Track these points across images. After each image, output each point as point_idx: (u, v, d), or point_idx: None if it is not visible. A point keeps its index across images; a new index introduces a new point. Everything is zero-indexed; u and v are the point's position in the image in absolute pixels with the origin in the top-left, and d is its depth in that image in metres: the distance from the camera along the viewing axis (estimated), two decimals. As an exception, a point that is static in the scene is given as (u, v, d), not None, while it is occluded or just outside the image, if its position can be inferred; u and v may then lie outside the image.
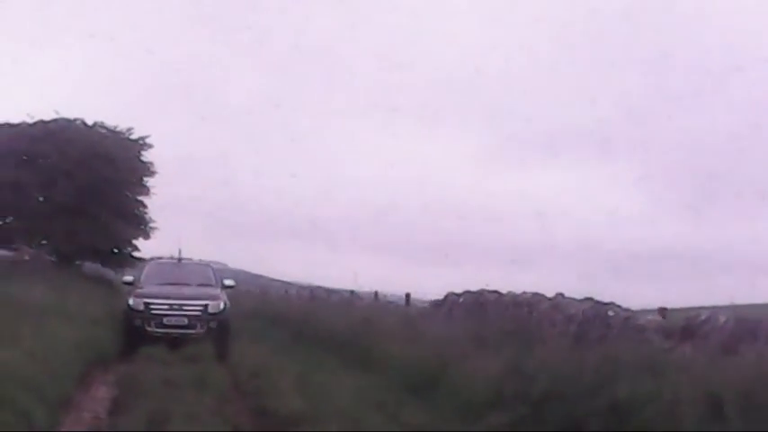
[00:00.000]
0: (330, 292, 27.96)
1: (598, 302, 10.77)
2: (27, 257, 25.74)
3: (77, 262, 33.57)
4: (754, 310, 9.57)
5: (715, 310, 8.88)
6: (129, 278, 19.83)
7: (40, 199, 32.25)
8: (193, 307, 16.85)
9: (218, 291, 17.81)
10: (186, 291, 17.47)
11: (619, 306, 10.53)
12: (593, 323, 10.01)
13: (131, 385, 10.92)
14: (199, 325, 16.67)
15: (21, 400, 8.01)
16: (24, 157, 31.49)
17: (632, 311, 10.25)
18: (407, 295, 19.45)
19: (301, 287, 35.05)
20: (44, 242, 32.38)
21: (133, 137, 33.56)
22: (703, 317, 8.29)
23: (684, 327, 8.38)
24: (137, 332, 16.51)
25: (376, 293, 22.23)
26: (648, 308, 10.78)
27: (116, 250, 34.16)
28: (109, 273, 34.39)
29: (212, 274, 18.89)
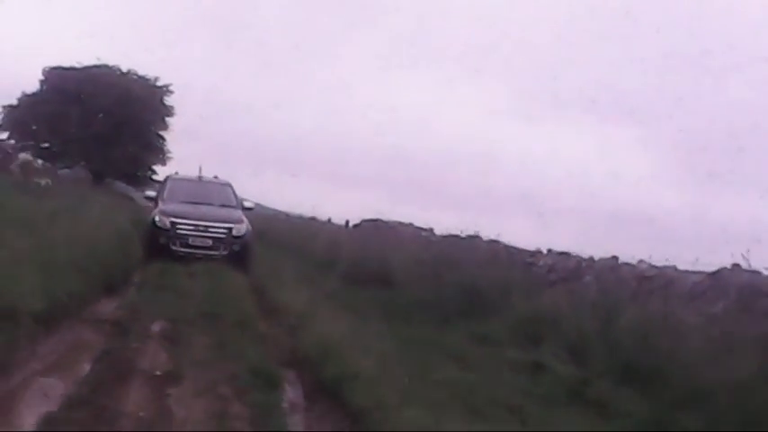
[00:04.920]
0: (304, 218, 36.61)
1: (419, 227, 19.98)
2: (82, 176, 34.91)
3: (107, 180, 42.56)
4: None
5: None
6: (151, 193, 20.10)
7: (82, 129, 39.82)
8: (219, 230, 17.36)
9: (239, 212, 18.25)
10: (211, 212, 17.82)
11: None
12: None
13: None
14: (222, 247, 17.22)
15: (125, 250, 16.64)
16: (72, 95, 39.56)
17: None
18: (347, 221, 28.69)
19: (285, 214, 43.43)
20: (83, 163, 41.29)
21: (159, 84, 42.11)
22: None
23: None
24: (161, 249, 16.97)
25: (329, 219, 31.35)
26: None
27: (138, 173, 43.14)
28: (130, 190, 42.87)
29: (233, 194, 19.05)
